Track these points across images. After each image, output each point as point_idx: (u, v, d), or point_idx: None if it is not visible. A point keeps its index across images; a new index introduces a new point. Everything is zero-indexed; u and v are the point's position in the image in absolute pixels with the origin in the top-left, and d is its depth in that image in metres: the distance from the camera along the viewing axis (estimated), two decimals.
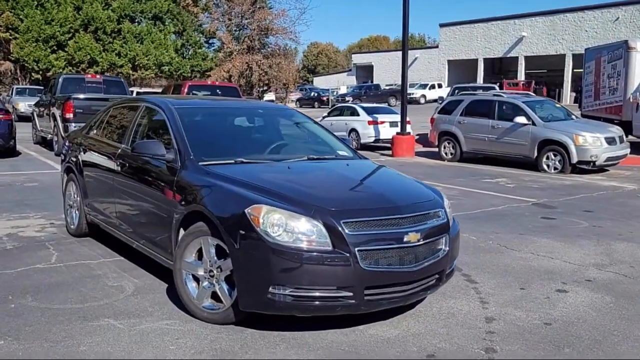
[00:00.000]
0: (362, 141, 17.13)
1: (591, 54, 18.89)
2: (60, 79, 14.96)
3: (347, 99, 40.75)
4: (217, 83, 18.42)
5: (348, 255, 3.36)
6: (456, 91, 21.83)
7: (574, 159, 12.09)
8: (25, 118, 23.22)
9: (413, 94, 46.85)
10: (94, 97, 13.55)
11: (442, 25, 51.11)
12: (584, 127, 12.75)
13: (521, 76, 43.77)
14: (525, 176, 11.88)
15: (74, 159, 6.06)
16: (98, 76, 15.94)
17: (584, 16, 40.78)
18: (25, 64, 37.10)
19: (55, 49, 36.99)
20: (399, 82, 53.81)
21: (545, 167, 12.55)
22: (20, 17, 36.46)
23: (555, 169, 12.41)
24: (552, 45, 42.71)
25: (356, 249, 3.38)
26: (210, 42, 43.55)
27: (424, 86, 47.54)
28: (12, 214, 7.17)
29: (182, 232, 4.03)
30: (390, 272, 3.48)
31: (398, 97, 46.17)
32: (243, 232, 3.46)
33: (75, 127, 12.76)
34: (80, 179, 5.84)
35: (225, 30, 39.11)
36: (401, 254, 3.53)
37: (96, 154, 5.55)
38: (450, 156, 14.74)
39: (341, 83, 58.32)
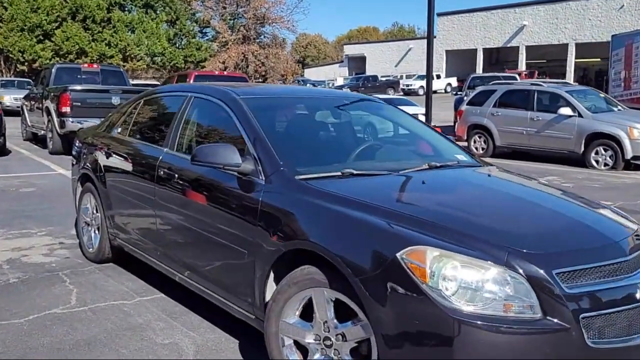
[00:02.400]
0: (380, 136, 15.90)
1: (620, 40, 17.80)
2: (53, 69, 13.54)
3: (344, 90, 39.48)
4: (225, 73, 17.09)
5: (568, 326, 2.15)
6: (473, 81, 20.64)
7: (628, 154, 11.01)
8: (11, 112, 21.64)
9: (411, 85, 45.80)
10: (93, 89, 12.20)
11: (439, 15, 49.85)
12: (636, 119, 11.63)
13: (522, 66, 42.74)
14: (575, 173, 10.77)
15: (92, 165, 4.79)
16: (95, 65, 14.55)
17: (587, 4, 39.75)
18: (10, 55, 35.30)
19: (42, 38, 35.19)
20: (395, 73, 52.83)
21: (594, 163, 11.46)
22: (4, 4, 34.58)
23: (605, 165, 11.32)
24: (554, 35, 41.72)
25: (580, 315, 2.18)
26: (204, 31, 41.96)
27: (422, 77, 46.39)
28: (10, 229, 5.88)
29: (272, 275, 2.82)
30: (622, 349, 2.28)
31: (396, 89, 45.15)
32: (394, 288, 2.25)
33: (72, 122, 11.49)
34: (102, 191, 4.57)
35: (219, 19, 37.51)
36: (630, 317, 2.33)
37: (124, 159, 4.29)
38: (481, 151, 13.57)
39: (333, 74, 56.94)
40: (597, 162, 11.45)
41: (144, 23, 37.05)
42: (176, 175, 3.57)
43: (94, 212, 4.80)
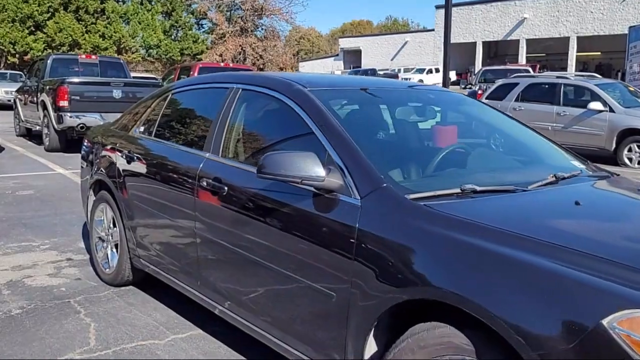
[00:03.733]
0: None
1: (638, 32, 17.18)
2: (49, 60, 12.67)
3: None
4: (230, 65, 16.28)
5: None
6: (484, 74, 19.96)
7: None
8: (2, 106, 20.78)
9: (410, 78, 45.13)
10: (93, 81, 11.36)
11: (438, 7, 49.18)
12: None
13: (522, 60, 42.12)
14: None
15: (108, 170, 4.03)
16: (93, 57, 13.69)
17: None
18: (1, 47, 34.19)
19: (34, 30, 34.07)
20: (393, 67, 52.29)
21: (626, 160, 10.80)
22: None
23: (639, 163, 10.66)
24: (555, 28, 41.12)
25: None
26: (200, 23, 40.90)
27: (421, 71, 45.89)
28: (8, 242, 5.12)
29: (372, 332, 2.10)
30: None
31: None
32: None
33: (70, 116, 10.68)
34: (122, 202, 3.82)
35: (216, 10, 36.49)
36: None
37: (152, 165, 3.54)
38: None
39: (328, 68, 56.15)
40: (630, 159, 10.79)
41: (139, 14, 35.95)
42: (226, 188, 2.83)
43: (111, 226, 4.05)
